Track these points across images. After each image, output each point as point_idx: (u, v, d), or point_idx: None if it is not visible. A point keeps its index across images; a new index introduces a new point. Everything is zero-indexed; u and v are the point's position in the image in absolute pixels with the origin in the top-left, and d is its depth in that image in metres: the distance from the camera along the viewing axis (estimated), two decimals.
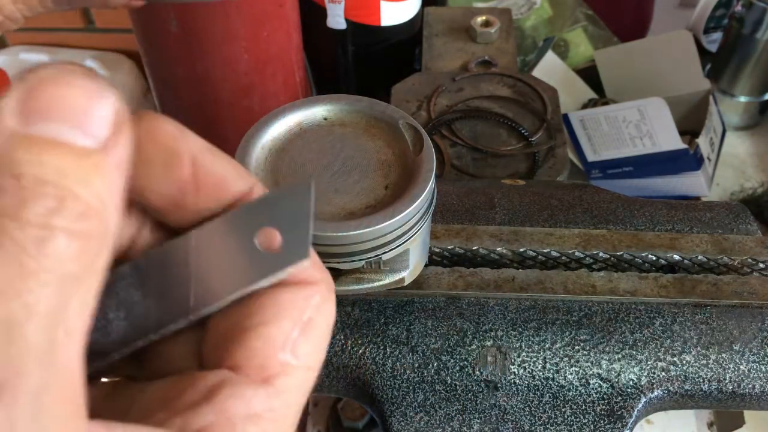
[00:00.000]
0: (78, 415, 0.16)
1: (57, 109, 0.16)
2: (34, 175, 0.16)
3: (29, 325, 0.15)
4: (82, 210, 0.16)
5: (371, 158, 0.37)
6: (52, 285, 0.15)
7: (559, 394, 0.41)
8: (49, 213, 0.16)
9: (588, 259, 0.46)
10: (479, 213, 0.48)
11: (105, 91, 0.17)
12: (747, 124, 0.97)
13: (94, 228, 0.16)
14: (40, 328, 0.15)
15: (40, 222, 0.15)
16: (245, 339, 0.20)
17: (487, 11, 0.80)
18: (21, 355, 0.14)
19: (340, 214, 0.35)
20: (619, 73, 0.91)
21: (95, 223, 0.16)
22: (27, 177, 0.16)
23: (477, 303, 0.43)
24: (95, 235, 0.16)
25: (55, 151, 0.16)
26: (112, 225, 0.17)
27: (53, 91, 0.17)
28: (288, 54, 0.73)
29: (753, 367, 0.42)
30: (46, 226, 0.15)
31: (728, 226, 0.48)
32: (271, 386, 0.19)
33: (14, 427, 0.14)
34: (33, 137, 0.16)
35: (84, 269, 0.16)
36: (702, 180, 0.80)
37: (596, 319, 0.43)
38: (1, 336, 0.14)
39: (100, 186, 0.17)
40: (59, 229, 0.16)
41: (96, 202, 0.16)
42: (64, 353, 0.15)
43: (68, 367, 0.16)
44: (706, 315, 0.43)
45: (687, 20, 1.04)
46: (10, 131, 0.16)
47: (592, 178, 0.83)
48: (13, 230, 0.15)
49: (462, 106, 0.67)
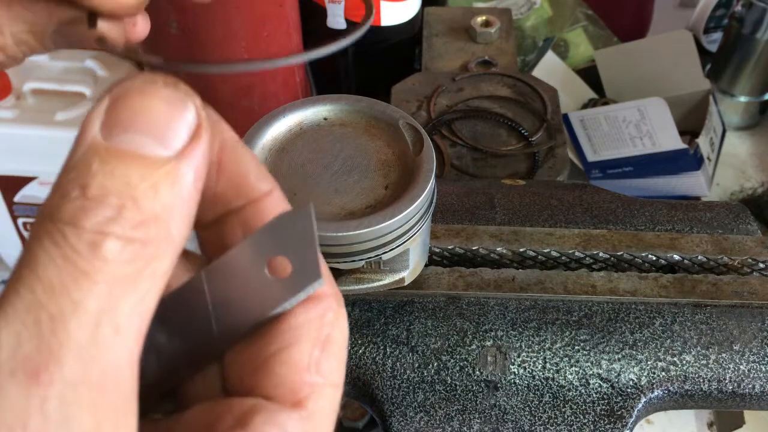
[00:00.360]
0: (127, 411, 0.17)
1: (139, 121, 0.17)
2: (101, 185, 0.17)
3: (73, 320, 0.16)
4: (141, 219, 0.17)
5: (371, 158, 0.37)
6: (102, 285, 0.16)
7: (559, 394, 0.41)
8: (106, 221, 0.17)
9: (588, 259, 0.46)
10: (479, 213, 0.48)
11: (187, 101, 0.18)
12: (747, 124, 0.97)
13: (152, 235, 0.17)
14: (84, 324, 0.16)
15: (95, 229, 0.17)
16: (270, 366, 0.20)
17: (487, 11, 0.80)
18: (61, 346, 0.16)
19: (340, 214, 0.35)
20: (619, 73, 0.91)
21: (154, 231, 0.17)
22: (93, 187, 0.17)
23: (477, 303, 0.43)
24: (153, 242, 0.17)
25: (129, 162, 0.17)
26: (176, 232, 0.18)
27: (136, 103, 0.18)
28: (288, 54, 0.73)
29: (753, 367, 0.42)
30: (100, 233, 0.17)
31: (728, 226, 0.48)
32: (303, 409, 0.20)
33: (44, 409, 0.15)
34: (111, 149, 0.17)
35: (138, 273, 0.17)
36: (702, 180, 0.80)
37: (596, 319, 0.43)
38: (46, 327, 0.16)
39: (168, 195, 0.18)
40: (113, 235, 0.17)
41: (159, 210, 0.17)
42: (112, 350, 0.16)
43: (115, 363, 0.17)
44: (706, 315, 0.43)
45: (687, 20, 1.04)
46: (90, 141, 0.17)
47: (592, 178, 0.83)
48: (70, 235, 0.16)
49: (462, 106, 0.67)
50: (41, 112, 0.96)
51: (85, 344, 0.16)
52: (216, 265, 0.21)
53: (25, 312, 0.16)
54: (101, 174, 0.17)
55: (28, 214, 1.21)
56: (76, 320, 0.16)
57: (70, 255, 0.16)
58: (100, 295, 0.17)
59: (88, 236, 0.17)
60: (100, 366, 0.16)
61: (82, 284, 0.16)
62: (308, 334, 0.20)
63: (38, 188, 1.14)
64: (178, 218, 0.18)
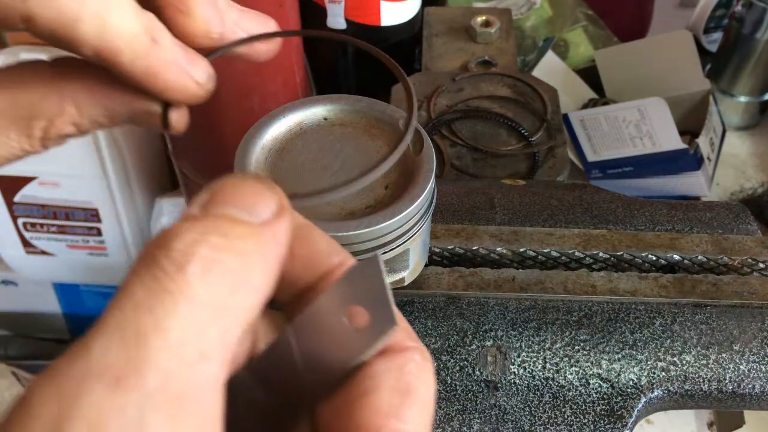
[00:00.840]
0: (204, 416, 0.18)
1: (232, 197, 0.21)
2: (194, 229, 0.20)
3: (155, 337, 0.18)
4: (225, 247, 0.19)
5: (371, 158, 0.37)
6: (185, 306, 0.18)
7: (559, 394, 0.41)
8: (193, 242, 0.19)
9: (588, 259, 0.46)
10: (479, 213, 0.48)
11: (273, 189, 0.22)
12: (747, 124, 0.97)
13: (235, 269, 0.19)
14: (167, 342, 0.18)
15: (182, 249, 0.19)
16: (352, 411, 0.21)
17: (487, 11, 0.80)
18: (143, 360, 0.17)
19: (340, 214, 0.35)
20: (619, 73, 0.91)
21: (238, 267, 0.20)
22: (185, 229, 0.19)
23: (477, 303, 0.43)
24: (235, 275, 0.19)
25: (222, 221, 0.20)
26: (257, 281, 0.20)
27: (229, 187, 0.21)
28: (288, 54, 0.73)
29: (753, 367, 0.42)
30: (186, 253, 0.19)
31: (728, 226, 0.48)
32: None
33: (124, 411, 0.17)
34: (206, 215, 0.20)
35: (222, 304, 0.19)
36: (702, 180, 0.80)
37: (596, 319, 0.43)
38: (131, 341, 0.18)
39: (252, 246, 0.20)
40: (198, 255, 0.19)
41: (242, 252, 0.20)
42: (195, 372, 0.18)
43: (198, 384, 0.18)
44: (706, 315, 0.43)
45: (687, 20, 1.04)
46: (188, 216, 0.20)
47: (592, 178, 0.83)
48: (159, 256, 0.19)
49: (462, 106, 0.67)
50: None
51: (166, 361, 0.18)
52: (300, 320, 0.23)
53: (115, 327, 0.18)
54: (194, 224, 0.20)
55: (28, 214, 1.21)
56: (159, 338, 0.18)
57: (157, 275, 0.18)
58: (183, 316, 0.18)
59: (176, 255, 0.19)
60: (182, 383, 0.18)
61: (166, 304, 0.18)
62: (387, 383, 0.22)
63: (38, 188, 1.14)
64: (259, 268, 0.20)
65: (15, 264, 1.33)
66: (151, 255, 0.19)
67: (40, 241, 1.25)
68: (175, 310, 0.18)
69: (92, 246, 1.26)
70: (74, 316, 1.49)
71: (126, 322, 0.18)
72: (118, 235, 1.24)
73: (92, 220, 1.20)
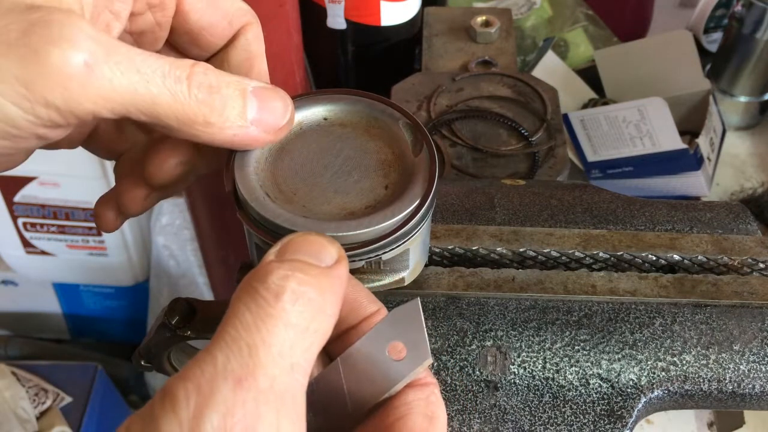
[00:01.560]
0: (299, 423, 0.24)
1: (302, 248, 0.27)
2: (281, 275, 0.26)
3: (262, 350, 0.24)
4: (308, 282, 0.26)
5: (371, 158, 0.37)
6: (282, 327, 0.24)
7: (559, 394, 0.41)
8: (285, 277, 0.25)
9: (588, 259, 0.46)
10: (479, 213, 0.48)
11: (332, 241, 0.28)
12: (747, 124, 0.97)
13: (315, 300, 0.25)
14: (271, 354, 0.24)
15: (277, 282, 0.25)
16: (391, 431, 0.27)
17: (487, 11, 0.80)
18: (255, 367, 0.23)
19: (340, 214, 0.35)
20: (619, 73, 0.91)
21: (317, 298, 0.26)
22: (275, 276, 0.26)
23: (477, 303, 0.43)
24: (316, 305, 0.25)
25: (298, 264, 0.26)
26: (329, 310, 0.26)
27: (299, 240, 0.27)
28: (288, 54, 0.73)
29: (753, 367, 0.42)
30: (281, 285, 0.25)
31: (728, 226, 0.48)
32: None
33: (245, 405, 0.23)
34: (282, 263, 0.26)
35: (306, 327, 0.25)
36: (702, 180, 0.80)
37: (596, 319, 0.43)
38: (245, 353, 0.24)
39: (325, 282, 0.26)
40: (290, 288, 0.25)
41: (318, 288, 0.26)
42: (289, 377, 0.24)
43: (292, 387, 0.24)
44: (706, 315, 0.43)
45: (687, 20, 1.04)
46: (268, 261, 0.26)
47: (592, 178, 0.83)
48: (260, 288, 0.25)
49: (462, 106, 0.67)
50: None
51: (272, 368, 0.24)
52: (349, 353, 0.28)
53: (232, 342, 0.24)
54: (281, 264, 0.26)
55: (28, 214, 1.21)
56: (265, 351, 0.24)
57: (260, 302, 0.25)
58: (281, 335, 0.24)
59: (273, 286, 0.25)
60: (283, 386, 0.24)
61: (269, 324, 0.24)
62: (419, 409, 0.27)
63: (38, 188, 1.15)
64: (330, 301, 0.26)
65: (15, 264, 1.33)
66: (252, 287, 0.25)
67: (40, 241, 1.26)
68: (275, 330, 0.24)
69: (92, 246, 1.26)
70: (74, 316, 1.49)
71: (239, 338, 0.24)
72: (118, 235, 1.25)
73: (92, 220, 1.20)
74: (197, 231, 1.04)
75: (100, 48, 0.28)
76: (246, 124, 0.32)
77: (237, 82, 0.32)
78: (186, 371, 0.23)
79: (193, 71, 0.30)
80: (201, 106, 0.30)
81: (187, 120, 0.30)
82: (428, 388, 0.28)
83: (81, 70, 0.27)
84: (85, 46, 0.27)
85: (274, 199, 0.35)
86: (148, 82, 0.29)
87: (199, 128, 0.31)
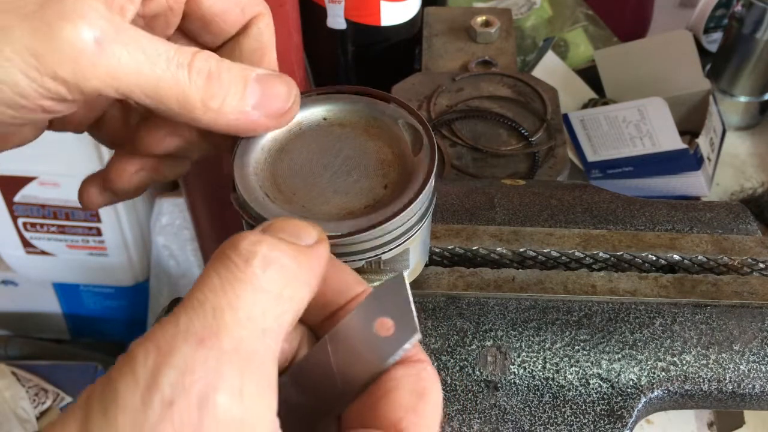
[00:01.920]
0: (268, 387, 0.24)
1: (282, 228, 0.27)
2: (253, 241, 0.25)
3: (228, 313, 0.23)
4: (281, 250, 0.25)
5: (371, 158, 0.37)
6: (251, 291, 0.24)
7: (559, 394, 0.41)
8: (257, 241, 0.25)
9: (588, 259, 0.46)
10: (479, 213, 0.48)
11: (314, 225, 0.28)
12: (747, 124, 0.97)
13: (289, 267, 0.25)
14: (237, 317, 0.23)
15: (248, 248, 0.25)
16: (377, 406, 0.26)
17: (487, 11, 0.80)
18: (219, 328, 0.23)
19: (339, 213, 0.35)
20: (619, 73, 0.91)
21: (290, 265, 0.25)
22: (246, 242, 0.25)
23: (477, 303, 0.43)
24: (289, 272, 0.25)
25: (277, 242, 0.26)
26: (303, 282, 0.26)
27: (280, 222, 0.27)
28: (288, 54, 0.73)
29: (753, 367, 0.42)
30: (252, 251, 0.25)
31: (728, 226, 0.48)
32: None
33: (206, 363, 0.22)
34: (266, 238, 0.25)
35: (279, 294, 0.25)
36: (702, 180, 0.80)
37: (596, 319, 0.43)
38: (209, 314, 0.23)
39: (301, 257, 0.26)
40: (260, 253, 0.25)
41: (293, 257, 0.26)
42: (259, 342, 0.24)
43: (261, 352, 0.24)
44: (706, 315, 0.43)
45: (687, 20, 1.04)
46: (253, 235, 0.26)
47: (592, 178, 0.83)
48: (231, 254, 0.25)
49: (462, 106, 0.67)
50: None
51: (237, 331, 0.23)
52: (336, 331, 0.27)
53: (197, 304, 0.23)
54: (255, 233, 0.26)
55: (28, 214, 1.21)
56: (232, 314, 0.23)
57: (230, 266, 0.24)
58: (249, 298, 0.24)
59: (244, 252, 0.25)
60: (250, 348, 0.23)
61: (237, 288, 0.24)
62: (407, 385, 0.26)
63: (38, 188, 1.14)
64: (306, 271, 0.26)
65: (15, 264, 1.33)
66: (223, 252, 0.25)
67: (40, 241, 1.25)
68: (244, 294, 0.24)
69: (92, 246, 1.26)
70: (74, 315, 1.49)
71: (205, 300, 0.23)
72: (118, 235, 1.24)
73: (92, 220, 1.20)
74: (197, 231, 1.04)
75: (110, 27, 0.29)
76: (246, 109, 0.33)
77: (239, 68, 0.33)
78: (148, 333, 0.23)
79: (195, 57, 0.31)
80: (200, 91, 0.31)
81: (187, 104, 0.31)
82: (419, 364, 0.27)
83: (91, 47, 0.28)
84: (97, 23, 0.28)
85: (273, 199, 0.35)
86: (153, 65, 0.30)
87: (198, 113, 0.32)
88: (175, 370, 0.22)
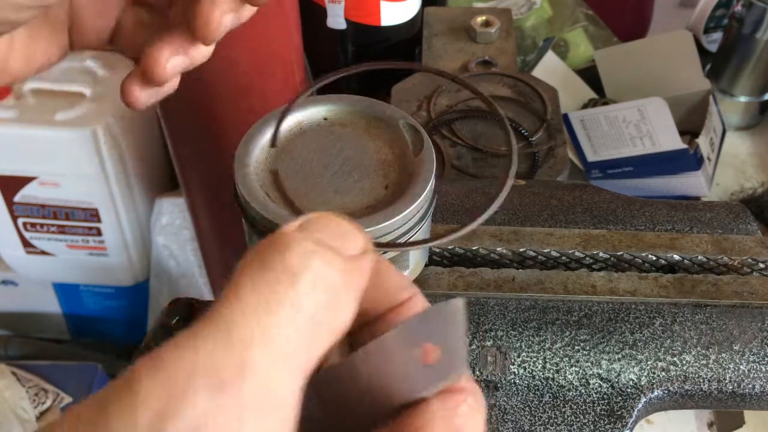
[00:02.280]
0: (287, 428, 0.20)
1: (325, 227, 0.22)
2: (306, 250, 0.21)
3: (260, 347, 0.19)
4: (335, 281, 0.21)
5: (371, 158, 0.37)
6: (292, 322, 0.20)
7: (559, 394, 0.41)
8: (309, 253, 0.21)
9: (588, 259, 0.46)
10: (479, 213, 0.48)
11: (360, 228, 0.23)
12: (747, 124, 0.97)
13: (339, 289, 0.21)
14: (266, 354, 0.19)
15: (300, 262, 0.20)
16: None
17: (487, 11, 0.80)
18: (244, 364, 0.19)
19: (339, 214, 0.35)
20: (619, 73, 0.91)
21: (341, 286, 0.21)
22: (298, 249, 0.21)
23: (477, 303, 0.43)
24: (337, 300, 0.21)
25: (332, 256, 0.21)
26: (350, 302, 0.22)
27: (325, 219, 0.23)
28: (288, 54, 0.73)
29: (753, 367, 0.42)
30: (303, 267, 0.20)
31: (728, 226, 0.48)
32: None
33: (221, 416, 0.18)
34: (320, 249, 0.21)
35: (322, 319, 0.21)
36: (702, 180, 0.80)
37: (596, 319, 0.43)
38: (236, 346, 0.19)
39: (349, 279, 0.22)
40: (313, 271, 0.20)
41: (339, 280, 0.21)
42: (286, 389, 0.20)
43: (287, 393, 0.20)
44: (706, 315, 0.43)
45: (687, 20, 1.04)
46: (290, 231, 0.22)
47: (592, 178, 0.83)
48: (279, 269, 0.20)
49: (462, 106, 0.67)
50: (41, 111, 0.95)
51: (266, 369, 0.19)
52: (373, 346, 0.23)
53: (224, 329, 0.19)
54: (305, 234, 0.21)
55: (28, 214, 1.21)
56: (263, 348, 0.19)
57: (271, 282, 0.20)
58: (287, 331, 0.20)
59: (295, 265, 0.20)
60: (276, 392, 0.19)
61: (276, 312, 0.19)
62: (440, 422, 0.23)
63: (38, 188, 1.14)
64: (350, 295, 0.22)
65: (15, 264, 1.33)
66: (265, 261, 0.20)
67: (40, 241, 1.25)
68: (282, 324, 0.20)
69: (92, 246, 1.26)
70: (74, 316, 1.49)
71: (234, 325, 0.19)
72: (118, 235, 1.24)
73: (92, 220, 1.20)
74: (197, 231, 1.04)
75: None
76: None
77: None
78: (160, 355, 0.19)
79: None
80: None
81: None
82: (459, 396, 0.23)
83: None
84: None
85: (273, 199, 0.35)
86: None
87: None
88: (186, 424, 0.18)
